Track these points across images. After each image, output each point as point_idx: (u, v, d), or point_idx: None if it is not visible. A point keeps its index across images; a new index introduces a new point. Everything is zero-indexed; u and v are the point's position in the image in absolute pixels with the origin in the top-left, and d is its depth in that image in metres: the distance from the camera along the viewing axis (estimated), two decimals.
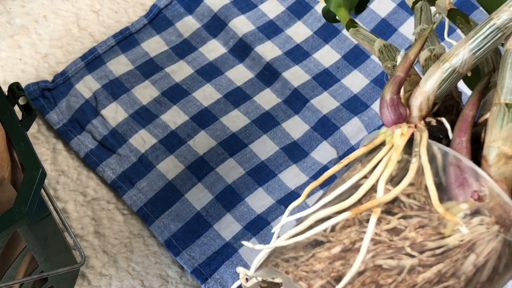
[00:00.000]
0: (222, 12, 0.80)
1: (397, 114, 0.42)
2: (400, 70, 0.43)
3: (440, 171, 0.40)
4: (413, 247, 0.38)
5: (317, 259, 0.38)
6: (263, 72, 0.76)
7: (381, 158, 0.41)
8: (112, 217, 0.69)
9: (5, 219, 0.46)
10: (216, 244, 0.67)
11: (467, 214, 0.40)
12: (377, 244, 0.38)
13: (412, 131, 0.42)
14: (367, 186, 0.40)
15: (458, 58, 0.41)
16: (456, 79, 0.42)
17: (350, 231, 0.39)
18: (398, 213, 0.39)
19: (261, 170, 0.71)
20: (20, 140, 0.49)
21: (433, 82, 0.42)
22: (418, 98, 0.42)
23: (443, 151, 0.41)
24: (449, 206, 0.40)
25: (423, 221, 0.39)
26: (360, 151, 0.43)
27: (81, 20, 0.79)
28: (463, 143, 0.41)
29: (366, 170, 0.41)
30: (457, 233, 0.39)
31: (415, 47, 0.43)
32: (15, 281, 0.54)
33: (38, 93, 0.74)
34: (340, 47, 0.78)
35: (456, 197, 0.40)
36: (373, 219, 0.38)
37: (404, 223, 0.39)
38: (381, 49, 0.51)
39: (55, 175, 0.70)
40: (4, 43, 0.78)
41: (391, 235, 0.38)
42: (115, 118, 0.73)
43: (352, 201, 0.40)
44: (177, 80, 0.76)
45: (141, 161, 0.71)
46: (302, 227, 0.40)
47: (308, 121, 0.73)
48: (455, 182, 0.40)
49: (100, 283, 0.66)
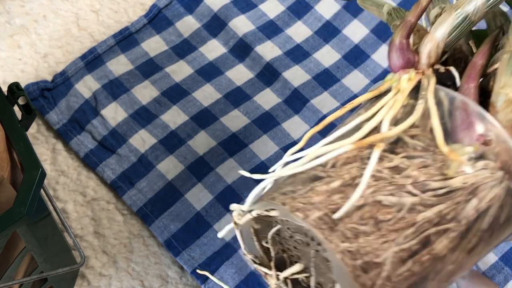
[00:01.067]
0: (222, 12, 0.80)
1: (405, 59, 0.42)
2: (411, 16, 0.42)
3: (446, 116, 0.40)
4: (415, 185, 0.38)
5: (315, 192, 0.38)
6: (263, 72, 0.76)
7: (386, 102, 0.41)
8: (112, 217, 0.69)
9: (5, 219, 0.46)
10: (216, 244, 0.67)
11: (472, 157, 0.39)
12: (378, 180, 0.38)
13: (420, 77, 0.42)
14: (370, 125, 0.40)
15: (471, 5, 0.41)
16: (467, 27, 0.41)
17: (351, 167, 0.38)
18: (401, 153, 0.39)
19: (261, 170, 0.70)
20: (19, 140, 0.49)
21: (444, 28, 0.42)
22: (427, 45, 0.42)
23: (450, 95, 0.40)
24: (454, 148, 0.39)
25: (426, 161, 0.39)
26: (365, 97, 0.43)
27: (81, 20, 0.79)
28: (471, 89, 0.41)
29: (370, 113, 0.41)
30: (461, 175, 0.38)
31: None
32: (15, 282, 0.54)
33: (37, 93, 0.74)
34: (340, 47, 0.78)
35: (462, 140, 0.40)
36: (376, 153, 0.38)
37: (407, 163, 0.38)
38: (390, 12, 0.50)
39: (55, 175, 0.70)
40: (4, 43, 0.77)
41: (392, 172, 0.38)
42: (115, 118, 0.73)
43: (355, 139, 0.39)
44: (177, 80, 0.76)
45: (141, 161, 0.71)
46: (302, 162, 0.39)
47: (308, 121, 0.73)
48: (461, 125, 0.40)
49: (100, 283, 0.66)
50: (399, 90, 0.41)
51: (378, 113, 0.40)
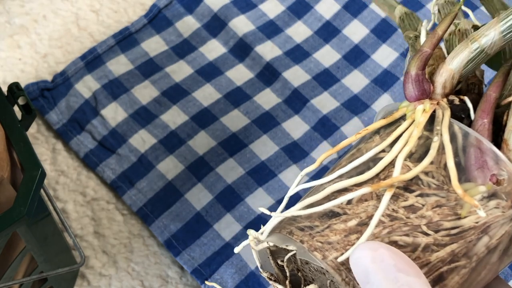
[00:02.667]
0: (222, 12, 0.80)
1: (421, 90, 0.42)
2: (427, 46, 0.42)
3: (460, 151, 0.40)
4: (429, 225, 0.38)
5: (333, 230, 0.38)
6: (263, 72, 0.76)
7: (401, 133, 0.41)
8: (111, 217, 0.69)
9: (5, 219, 0.46)
10: (216, 244, 0.67)
11: (484, 197, 0.40)
12: (393, 220, 0.38)
13: (435, 108, 0.42)
14: (386, 160, 0.40)
15: (487, 39, 0.41)
16: (482, 60, 0.42)
17: (367, 205, 0.39)
18: (416, 191, 0.39)
19: (261, 170, 0.70)
20: (19, 140, 0.49)
21: (459, 61, 0.42)
22: (443, 76, 0.42)
23: (464, 131, 0.41)
24: (467, 188, 0.40)
25: (440, 200, 0.39)
26: (379, 124, 0.43)
27: (81, 20, 0.79)
28: (485, 125, 0.41)
29: (385, 144, 0.41)
30: (473, 214, 0.39)
31: (444, 23, 0.43)
32: (15, 282, 0.54)
33: (37, 93, 0.74)
34: (340, 47, 0.78)
35: (475, 179, 0.40)
36: (387, 196, 0.38)
37: (422, 201, 0.39)
38: (402, 17, 0.50)
39: (55, 175, 0.70)
40: (4, 43, 0.77)
41: (408, 212, 0.38)
42: (114, 118, 0.73)
43: (371, 175, 0.40)
44: (177, 80, 0.76)
45: (141, 161, 0.71)
46: (318, 196, 0.40)
47: (308, 121, 0.73)
48: (475, 164, 0.40)
49: (99, 283, 0.66)
50: (414, 121, 0.41)
51: (394, 147, 0.41)
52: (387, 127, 0.43)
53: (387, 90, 0.75)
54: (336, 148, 0.43)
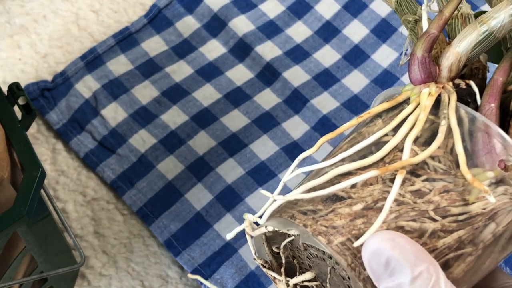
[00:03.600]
0: (222, 12, 0.80)
1: (427, 73, 0.41)
2: (434, 27, 0.41)
3: (466, 135, 0.40)
4: (436, 211, 0.38)
5: (338, 214, 0.37)
6: (263, 72, 0.76)
7: (405, 116, 0.40)
8: (112, 217, 0.69)
9: (5, 219, 0.46)
10: (216, 244, 0.67)
11: (492, 183, 0.39)
12: (400, 205, 0.37)
13: (440, 92, 0.41)
14: (391, 144, 0.39)
15: (497, 21, 0.40)
16: (491, 43, 0.41)
17: (373, 189, 0.38)
18: (423, 175, 0.39)
19: (261, 170, 0.70)
20: (19, 140, 0.49)
21: (467, 43, 0.41)
22: (449, 59, 0.41)
23: (472, 115, 0.40)
24: (475, 173, 0.39)
25: (448, 185, 0.38)
26: (381, 107, 0.42)
27: (81, 20, 0.79)
28: (492, 109, 0.41)
29: (389, 127, 0.40)
30: (481, 200, 0.38)
31: (451, 5, 0.42)
32: (15, 282, 0.54)
33: (37, 93, 0.74)
34: (340, 47, 0.78)
35: (483, 164, 0.39)
36: (399, 179, 0.37)
37: (429, 186, 0.38)
38: (399, 0, 0.50)
39: (55, 175, 0.70)
40: (4, 43, 0.77)
41: (415, 197, 0.38)
42: (115, 118, 0.73)
43: (375, 158, 0.39)
44: (177, 80, 0.76)
45: (141, 161, 0.71)
46: (321, 180, 0.39)
47: (308, 121, 0.73)
48: (483, 149, 0.39)
49: (100, 283, 0.66)
50: (419, 104, 0.41)
51: (400, 131, 0.40)
52: (389, 111, 0.42)
53: None
54: (336, 131, 0.42)
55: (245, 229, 0.41)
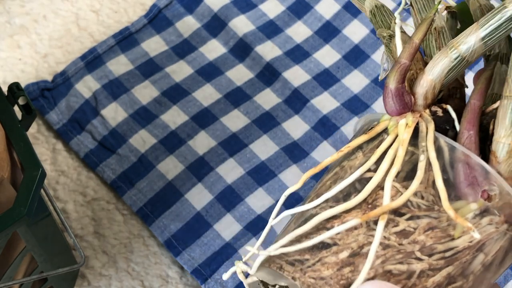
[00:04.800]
0: (222, 12, 0.80)
1: (402, 104, 0.40)
2: (405, 57, 0.40)
3: (448, 166, 0.39)
4: (422, 250, 0.37)
5: (325, 264, 0.37)
6: (263, 72, 0.76)
7: (385, 149, 0.40)
8: (112, 217, 0.69)
9: (5, 219, 0.46)
10: (216, 244, 0.67)
11: (477, 214, 0.39)
12: (386, 248, 0.37)
13: (417, 121, 0.40)
14: (373, 183, 0.39)
15: (467, 46, 0.39)
16: (464, 67, 0.40)
17: (358, 233, 0.38)
18: (407, 214, 0.38)
19: (261, 170, 0.71)
20: (19, 140, 0.49)
21: (440, 70, 0.40)
22: (424, 87, 0.40)
23: (451, 145, 0.39)
24: (458, 207, 0.39)
25: (432, 222, 0.38)
26: (361, 139, 0.41)
27: (81, 20, 0.79)
28: (471, 137, 0.40)
29: (370, 162, 0.40)
30: (467, 234, 0.38)
31: (420, 31, 0.41)
32: (15, 282, 0.54)
33: (37, 93, 0.74)
34: (340, 47, 0.78)
35: (466, 196, 0.39)
36: (380, 226, 0.37)
37: (413, 225, 0.38)
38: (373, 11, 0.48)
39: (55, 175, 0.70)
40: (4, 43, 0.77)
41: (400, 238, 0.37)
42: (115, 118, 0.73)
43: (358, 200, 0.38)
44: (177, 80, 0.76)
45: (141, 161, 0.71)
46: (307, 227, 0.39)
47: (308, 121, 0.73)
48: (465, 181, 0.39)
49: (100, 283, 0.66)
50: (397, 135, 0.40)
51: (380, 168, 0.39)
52: (369, 142, 0.41)
53: None
54: (319, 166, 0.41)
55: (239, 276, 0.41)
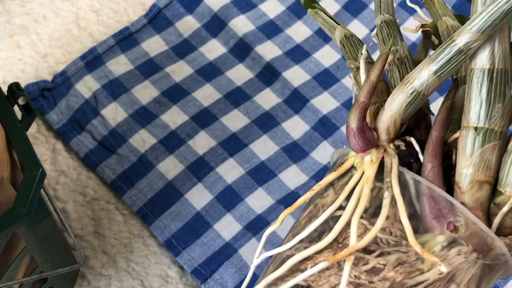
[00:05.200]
0: (222, 12, 0.80)
1: (365, 141, 0.41)
2: (363, 96, 0.41)
3: (414, 199, 0.40)
4: (393, 287, 0.38)
5: None
6: (263, 72, 0.76)
7: (353, 185, 0.40)
8: (112, 217, 0.69)
9: (5, 219, 0.46)
10: (216, 244, 0.67)
11: (444, 246, 0.39)
12: (357, 287, 0.38)
13: (382, 156, 0.41)
14: (341, 223, 0.40)
15: (421, 81, 0.40)
16: (421, 101, 0.41)
17: (329, 274, 0.39)
18: (376, 250, 0.39)
19: (261, 170, 0.71)
20: (19, 140, 0.49)
21: (398, 106, 0.41)
22: (385, 122, 0.41)
23: (415, 179, 0.40)
24: (425, 240, 0.39)
25: (401, 257, 0.38)
26: (331, 177, 0.42)
27: (81, 20, 0.79)
28: (434, 169, 0.40)
29: (340, 199, 0.40)
30: (435, 267, 0.38)
31: (376, 68, 0.42)
32: (15, 281, 0.54)
33: (37, 93, 0.74)
34: None
35: (432, 229, 0.39)
36: (347, 266, 0.38)
37: (383, 262, 0.38)
38: (343, 41, 0.49)
39: (55, 175, 0.70)
40: (4, 43, 0.77)
41: (370, 276, 0.38)
42: (115, 118, 0.73)
43: (329, 240, 0.39)
44: (177, 80, 0.76)
45: (141, 161, 0.71)
46: (281, 270, 0.40)
47: (308, 121, 0.73)
48: (430, 214, 0.39)
49: (100, 283, 0.66)
50: (364, 172, 0.41)
51: (347, 209, 0.40)
52: (340, 178, 0.42)
53: None
54: (295, 205, 0.42)
55: None
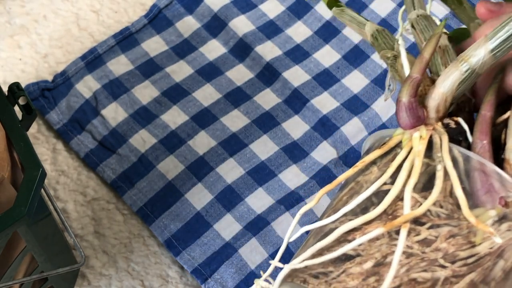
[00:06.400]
0: (222, 12, 0.80)
1: (415, 117, 0.41)
2: (416, 71, 0.41)
3: (463, 175, 0.39)
4: (445, 258, 0.37)
5: (349, 275, 0.37)
6: (263, 72, 0.76)
7: (400, 162, 0.40)
8: (112, 217, 0.69)
9: (5, 219, 0.46)
10: (216, 244, 0.67)
11: (495, 221, 0.39)
12: (410, 257, 0.37)
13: (431, 134, 0.41)
14: (391, 195, 0.39)
15: (477, 59, 0.40)
16: (474, 79, 0.41)
17: (381, 243, 0.38)
18: (427, 223, 0.38)
19: (261, 170, 0.71)
20: (20, 140, 0.49)
21: (451, 83, 0.41)
22: (435, 99, 0.41)
23: (466, 155, 0.40)
24: (477, 214, 0.39)
25: (453, 230, 0.38)
26: (375, 154, 0.42)
27: (81, 20, 0.79)
28: (485, 146, 0.40)
29: (386, 176, 0.40)
30: (487, 240, 0.38)
31: (430, 46, 0.41)
32: (15, 281, 0.54)
33: (38, 93, 0.74)
34: (340, 47, 0.78)
35: (484, 204, 0.39)
36: (403, 234, 0.37)
37: (435, 233, 0.38)
38: (375, 35, 0.49)
39: (55, 175, 0.70)
40: (4, 43, 0.77)
41: (422, 246, 0.38)
42: (115, 118, 0.73)
43: (379, 211, 0.39)
44: (177, 80, 0.76)
45: (141, 161, 0.71)
46: (328, 240, 0.39)
47: (308, 121, 0.73)
48: (482, 189, 0.39)
49: (100, 283, 0.66)
50: (412, 149, 0.40)
51: (398, 180, 0.39)
52: (383, 156, 0.42)
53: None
54: (334, 183, 0.41)
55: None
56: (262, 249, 0.66)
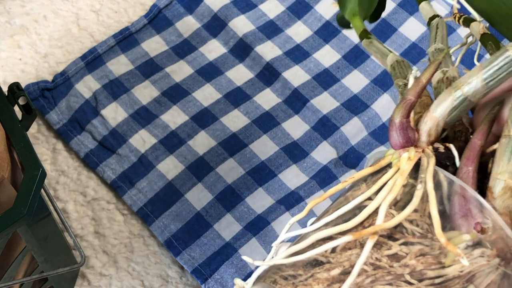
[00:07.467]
0: (222, 12, 0.80)
1: (405, 138, 0.42)
2: (411, 94, 0.42)
3: (445, 199, 0.40)
4: (412, 274, 0.38)
5: (316, 279, 0.38)
6: (263, 72, 0.76)
7: (386, 180, 0.41)
8: (112, 217, 0.69)
9: (5, 219, 0.46)
10: (216, 244, 0.67)
11: (469, 246, 0.39)
12: (377, 269, 0.38)
13: (419, 156, 0.42)
14: (370, 209, 0.40)
15: (470, 87, 0.41)
16: (467, 107, 0.42)
17: (351, 253, 0.39)
18: (400, 239, 0.39)
19: (261, 170, 0.71)
20: (20, 140, 0.49)
21: (443, 109, 0.42)
22: (427, 124, 0.42)
23: (449, 179, 0.40)
24: (451, 236, 0.39)
25: (424, 249, 0.39)
26: (366, 171, 0.43)
27: (81, 20, 0.79)
28: (469, 172, 0.41)
29: (371, 191, 0.41)
30: (458, 263, 0.39)
31: (428, 71, 0.43)
32: (15, 281, 0.54)
33: (38, 93, 0.74)
34: (340, 47, 0.78)
35: (459, 227, 0.40)
36: (369, 244, 0.38)
37: (406, 250, 0.39)
38: (394, 65, 0.50)
39: (55, 175, 0.70)
40: (4, 43, 0.78)
41: (391, 261, 0.38)
42: (115, 118, 0.73)
43: (355, 223, 0.39)
44: (177, 80, 0.76)
45: (141, 161, 0.71)
46: (302, 245, 0.40)
47: (308, 121, 0.73)
48: (459, 212, 0.40)
49: (100, 283, 0.66)
50: (399, 168, 0.42)
51: (378, 195, 0.40)
52: (374, 174, 0.43)
53: (387, 90, 0.75)
54: (323, 196, 0.42)
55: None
56: (262, 249, 0.66)
